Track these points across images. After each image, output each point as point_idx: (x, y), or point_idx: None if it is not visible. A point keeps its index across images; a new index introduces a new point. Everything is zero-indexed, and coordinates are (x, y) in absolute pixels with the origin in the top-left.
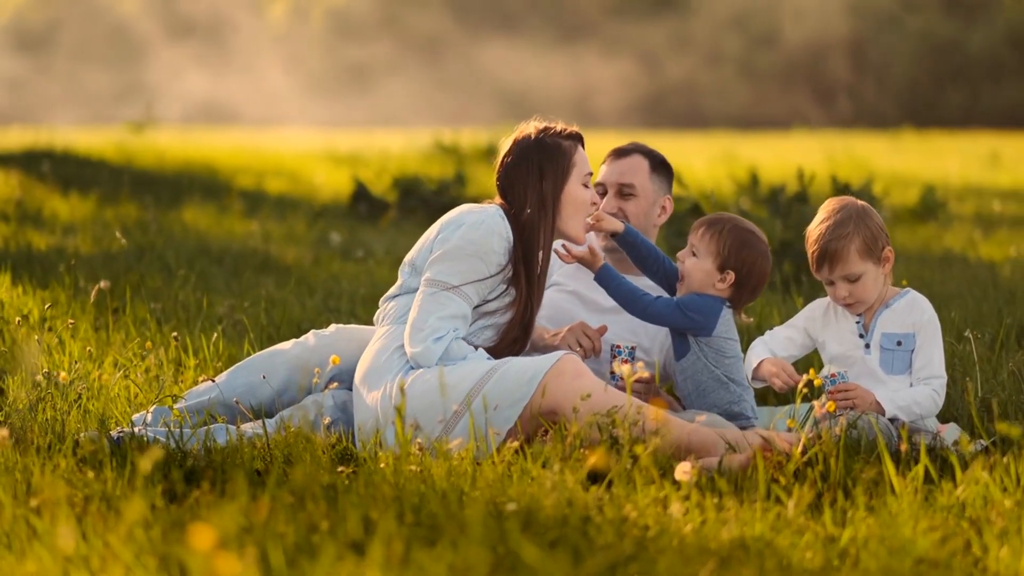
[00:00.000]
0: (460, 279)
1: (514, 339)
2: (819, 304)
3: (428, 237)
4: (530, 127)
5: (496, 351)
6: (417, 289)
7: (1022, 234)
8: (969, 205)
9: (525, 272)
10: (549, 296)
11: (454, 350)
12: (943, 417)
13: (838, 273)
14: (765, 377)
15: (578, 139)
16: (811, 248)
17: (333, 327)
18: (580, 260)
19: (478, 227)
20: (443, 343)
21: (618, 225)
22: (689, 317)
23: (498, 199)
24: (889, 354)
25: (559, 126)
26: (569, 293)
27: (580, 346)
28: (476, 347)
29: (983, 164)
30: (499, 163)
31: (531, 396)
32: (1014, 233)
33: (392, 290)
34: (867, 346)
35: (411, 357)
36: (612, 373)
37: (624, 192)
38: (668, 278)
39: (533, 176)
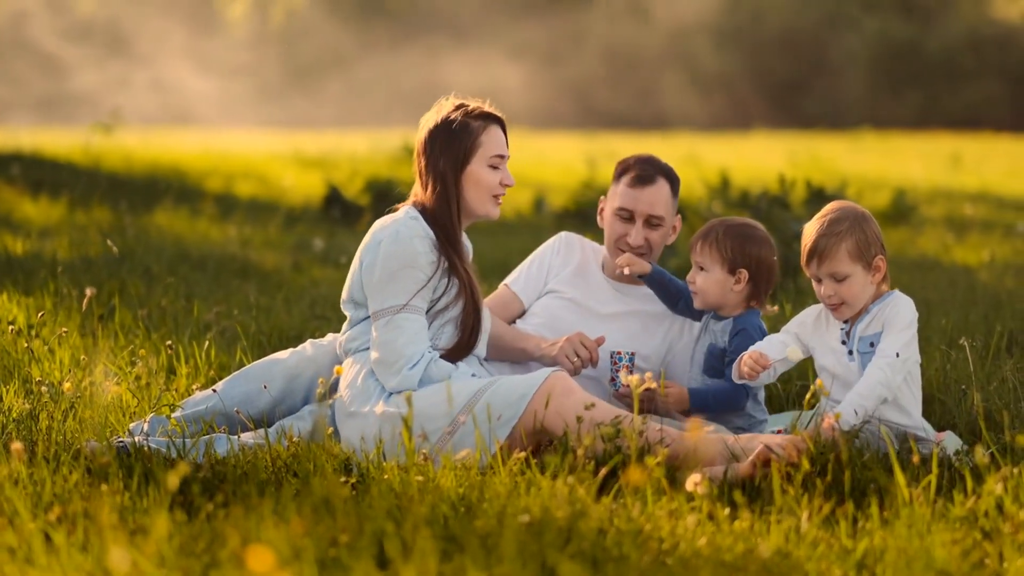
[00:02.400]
0: (405, 296)
1: (472, 327)
2: (811, 311)
3: (354, 268)
4: (444, 106)
5: (460, 345)
6: (365, 318)
7: (994, 238)
8: (939, 208)
9: (457, 256)
10: (546, 303)
11: (434, 372)
12: (939, 425)
13: (825, 269)
14: (741, 367)
15: (491, 119)
16: (804, 242)
17: (330, 336)
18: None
19: (395, 239)
20: (420, 367)
21: (646, 267)
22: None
23: (415, 188)
24: (867, 358)
25: (472, 104)
26: (567, 301)
27: (577, 356)
28: (455, 363)
29: (945, 166)
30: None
31: (520, 416)
32: (986, 237)
33: (344, 327)
34: (850, 353)
35: (392, 391)
36: (613, 380)
37: (652, 223)
38: (699, 312)
39: (435, 156)
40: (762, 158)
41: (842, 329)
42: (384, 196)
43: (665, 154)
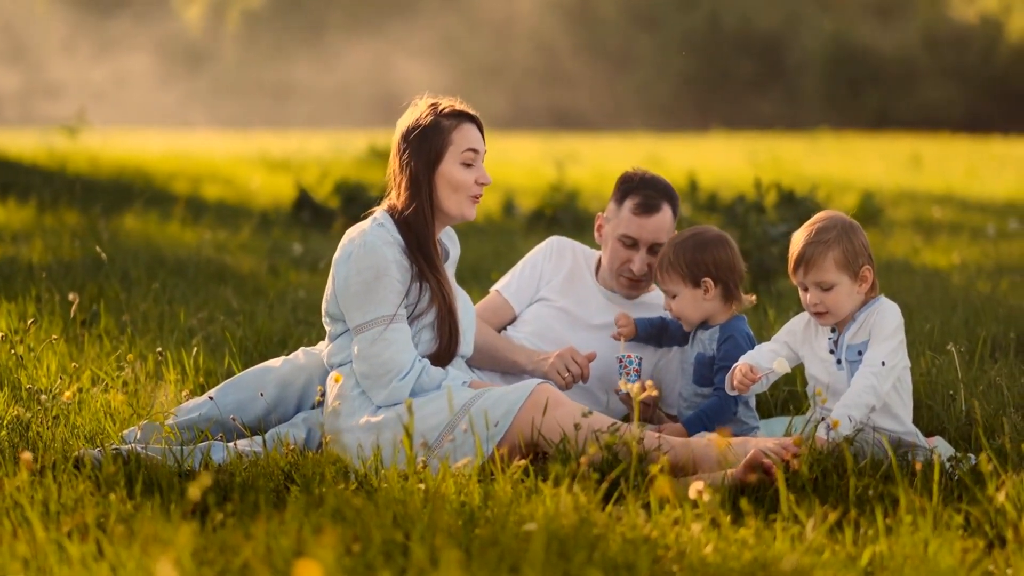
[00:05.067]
0: (391, 306)
1: (449, 333)
2: (800, 319)
3: (329, 282)
4: (417, 106)
5: (440, 351)
6: (343, 332)
7: (962, 240)
8: (904, 210)
9: (425, 261)
10: (537, 312)
11: (426, 382)
12: (928, 430)
13: (811, 278)
14: (732, 381)
15: (462, 117)
16: (791, 250)
17: (322, 344)
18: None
19: (364, 249)
20: (411, 377)
21: (633, 332)
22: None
23: (390, 192)
24: (855, 366)
25: (443, 103)
26: (558, 309)
27: (568, 372)
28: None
29: (905, 167)
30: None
31: (507, 429)
32: (954, 239)
33: (325, 341)
34: (839, 362)
35: (380, 404)
36: (617, 390)
37: (655, 249)
38: (685, 336)
39: (408, 157)
40: (723, 159)
41: (830, 338)
42: (354, 199)
43: (625, 155)
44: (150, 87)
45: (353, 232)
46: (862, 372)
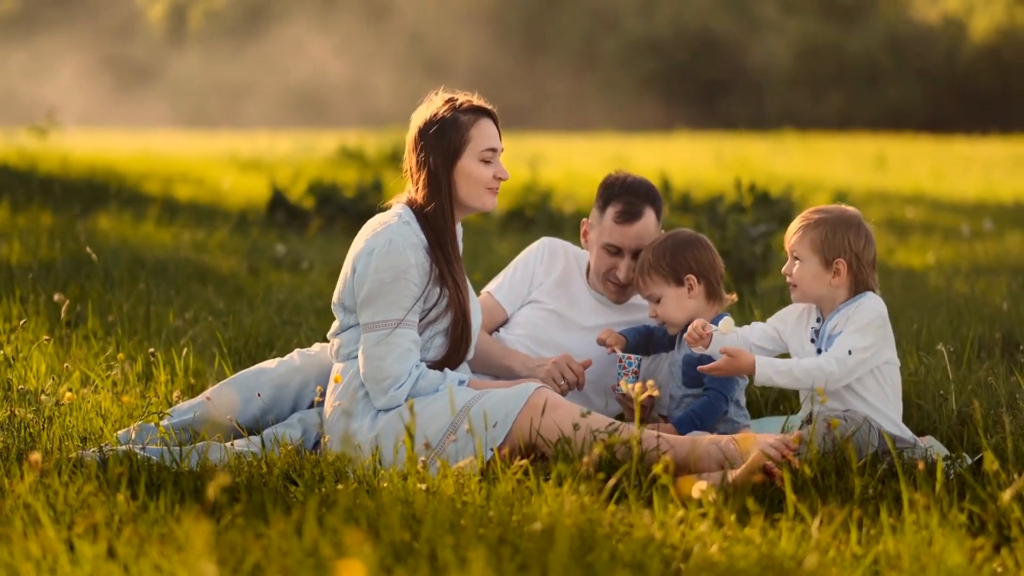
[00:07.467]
0: (400, 310)
1: (461, 340)
2: (793, 308)
3: (346, 273)
4: (433, 101)
5: (449, 357)
6: (355, 324)
7: (935, 240)
8: (875, 210)
9: (445, 261)
10: (529, 314)
11: (422, 387)
12: (919, 430)
13: (789, 246)
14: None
15: (480, 112)
16: None
17: (317, 346)
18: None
19: (387, 249)
20: (407, 387)
21: (623, 342)
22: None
23: (407, 187)
24: None
25: (461, 98)
26: (549, 312)
27: (564, 379)
28: (442, 371)
29: (870, 167)
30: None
31: (506, 434)
32: (927, 240)
33: (333, 328)
34: (819, 352)
35: (380, 408)
36: (614, 388)
37: (640, 255)
38: (671, 341)
39: (425, 152)
40: (689, 159)
41: (813, 327)
42: (328, 199)
43: (593, 155)
44: (110, 87)
45: (376, 225)
46: (824, 355)
